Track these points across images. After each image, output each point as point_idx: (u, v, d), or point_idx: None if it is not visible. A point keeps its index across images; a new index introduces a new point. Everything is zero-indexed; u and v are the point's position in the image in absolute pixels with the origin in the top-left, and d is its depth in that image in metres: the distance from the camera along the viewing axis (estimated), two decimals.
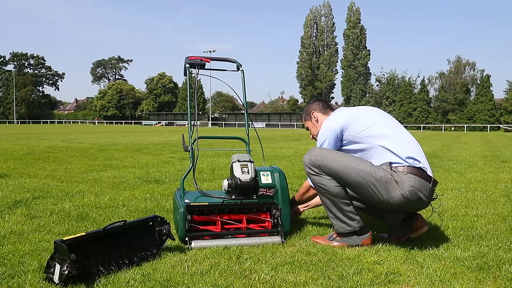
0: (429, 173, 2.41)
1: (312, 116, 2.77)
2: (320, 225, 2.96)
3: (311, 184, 2.65)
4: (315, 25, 66.93)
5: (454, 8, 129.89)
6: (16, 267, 2.00)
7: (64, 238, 1.85)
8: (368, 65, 64.75)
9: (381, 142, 2.42)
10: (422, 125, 54.10)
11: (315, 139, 2.79)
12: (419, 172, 2.35)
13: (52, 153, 8.45)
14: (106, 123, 76.74)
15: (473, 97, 57.75)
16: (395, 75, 61.96)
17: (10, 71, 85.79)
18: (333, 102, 67.05)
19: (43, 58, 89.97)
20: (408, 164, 2.35)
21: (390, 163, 2.37)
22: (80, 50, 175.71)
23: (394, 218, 2.58)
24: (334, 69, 65.86)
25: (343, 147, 2.54)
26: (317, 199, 2.83)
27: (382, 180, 2.32)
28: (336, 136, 2.50)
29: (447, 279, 1.94)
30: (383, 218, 2.70)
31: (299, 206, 2.95)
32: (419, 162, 2.38)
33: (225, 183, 2.62)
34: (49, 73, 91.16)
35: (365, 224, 2.49)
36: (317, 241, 2.51)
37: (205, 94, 75.73)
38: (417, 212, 2.61)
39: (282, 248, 2.39)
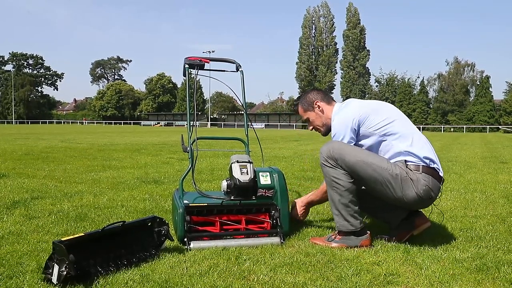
0: (441, 173, 2.45)
1: (316, 106, 2.69)
2: (319, 226, 2.95)
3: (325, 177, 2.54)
4: (313, 26, 66.97)
5: (453, 8, 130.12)
6: (15, 268, 2.00)
7: (62, 239, 1.85)
8: (367, 65, 64.86)
9: (398, 140, 2.42)
10: (421, 126, 54.12)
11: (318, 130, 2.74)
12: (433, 172, 2.39)
13: (50, 153, 8.44)
14: (105, 123, 76.69)
15: (472, 98, 57.82)
16: (395, 76, 62.07)
17: (9, 71, 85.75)
18: None
19: (42, 58, 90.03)
20: (424, 164, 2.38)
21: (406, 161, 2.38)
22: (79, 50, 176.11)
23: (395, 217, 2.58)
24: (333, 70, 65.89)
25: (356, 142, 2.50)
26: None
27: (398, 178, 2.33)
28: (354, 130, 2.46)
29: (446, 280, 1.94)
30: (384, 217, 2.70)
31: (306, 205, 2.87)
32: (434, 162, 2.42)
33: (224, 183, 2.61)
34: (48, 73, 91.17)
35: (365, 225, 2.49)
36: (315, 242, 2.49)
37: (204, 95, 75.75)
38: (418, 210, 2.63)
39: (281, 249, 2.38)
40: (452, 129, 53.45)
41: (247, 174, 2.52)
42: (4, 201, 3.57)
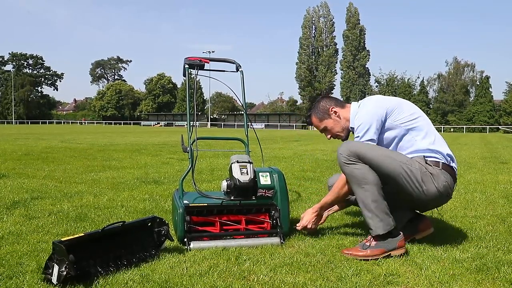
0: (456, 174, 2.47)
1: (332, 112, 2.62)
2: (320, 227, 2.94)
3: (346, 176, 2.43)
4: (313, 26, 66.99)
5: (453, 8, 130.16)
6: (14, 268, 2.00)
7: (62, 239, 1.85)
8: (367, 66, 64.90)
9: (421, 135, 2.41)
10: None
11: (338, 136, 2.67)
12: (451, 171, 2.40)
13: (50, 154, 8.44)
14: (105, 123, 76.70)
15: (472, 98, 57.88)
16: (395, 76, 62.13)
17: (9, 71, 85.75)
18: None
19: (42, 58, 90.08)
20: (444, 161, 2.39)
21: (424, 156, 2.38)
22: (79, 50, 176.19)
23: (400, 218, 2.52)
24: (333, 70, 65.90)
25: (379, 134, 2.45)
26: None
27: (417, 172, 2.31)
28: (381, 122, 2.41)
29: (445, 280, 1.94)
30: None
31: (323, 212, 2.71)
32: (453, 161, 2.44)
33: (224, 184, 2.61)
34: (48, 73, 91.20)
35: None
36: (352, 253, 2.28)
37: (204, 95, 75.79)
38: (423, 214, 2.64)
39: (281, 249, 2.38)
40: (452, 129, 53.47)
41: (247, 174, 2.52)
42: (4, 201, 3.57)
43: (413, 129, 2.42)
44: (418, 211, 2.65)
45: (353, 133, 2.61)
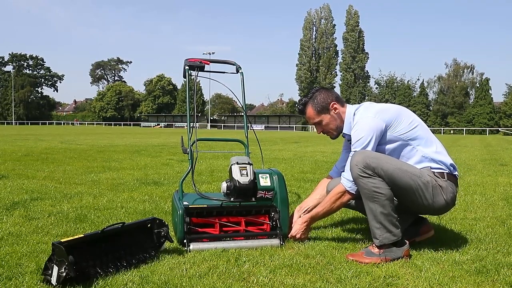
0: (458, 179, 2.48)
1: (332, 108, 2.52)
2: (319, 227, 2.95)
3: (348, 189, 2.38)
4: (314, 28, 67.09)
5: (453, 10, 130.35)
6: (14, 269, 1.99)
7: (62, 240, 1.85)
8: (366, 68, 65.02)
9: (423, 145, 2.40)
10: None
11: (330, 134, 2.60)
12: (454, 179, 2.42)
13: (50, 155, 8.44)
14: (105, 124, 76.70)
15: (472, 100, 57.94)
16: (394, 78, 62.19)
17: (9, 72, 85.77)
18: None
19: (42, 59, 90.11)
20: (448, 171, 2.38)
21: (431, 168, 2.37)
22: (79, 51, 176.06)
23: (402, 222, 2.45)
24: (333, 72, 65.98)
25: (378, 145, 2.39)
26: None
27: (429, 185, 2.30)
28: (380, 135, 2.36)
29: (445, 282, 1.94)
30: None
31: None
32: (456, 170, 2.44)
33: (224, 185, 2.61)
34: (48, 74, 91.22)
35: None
36: (356, 259, 2.24)
37: (204, 96, 75.80)
38: (424, 217, 2.64)
39: (280, 250, 2.38)
40: (452, 131, 53.51)
41: (247, 175, 2.52)
42: (4, 202, 3.57)
43: (413, 139, 2.40)
44: (419, 214, 2.64)
45: (343, 136, 2.60)
